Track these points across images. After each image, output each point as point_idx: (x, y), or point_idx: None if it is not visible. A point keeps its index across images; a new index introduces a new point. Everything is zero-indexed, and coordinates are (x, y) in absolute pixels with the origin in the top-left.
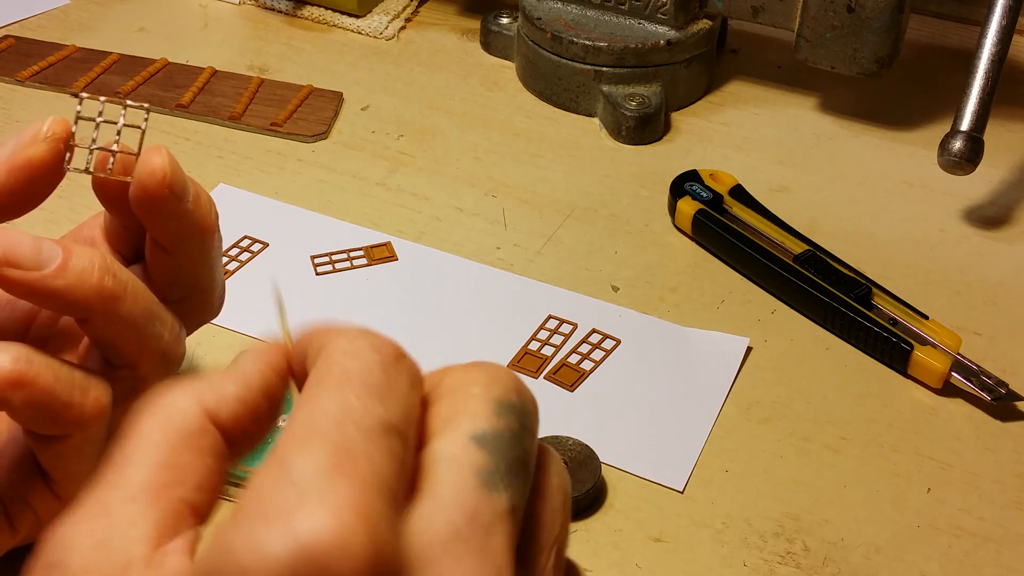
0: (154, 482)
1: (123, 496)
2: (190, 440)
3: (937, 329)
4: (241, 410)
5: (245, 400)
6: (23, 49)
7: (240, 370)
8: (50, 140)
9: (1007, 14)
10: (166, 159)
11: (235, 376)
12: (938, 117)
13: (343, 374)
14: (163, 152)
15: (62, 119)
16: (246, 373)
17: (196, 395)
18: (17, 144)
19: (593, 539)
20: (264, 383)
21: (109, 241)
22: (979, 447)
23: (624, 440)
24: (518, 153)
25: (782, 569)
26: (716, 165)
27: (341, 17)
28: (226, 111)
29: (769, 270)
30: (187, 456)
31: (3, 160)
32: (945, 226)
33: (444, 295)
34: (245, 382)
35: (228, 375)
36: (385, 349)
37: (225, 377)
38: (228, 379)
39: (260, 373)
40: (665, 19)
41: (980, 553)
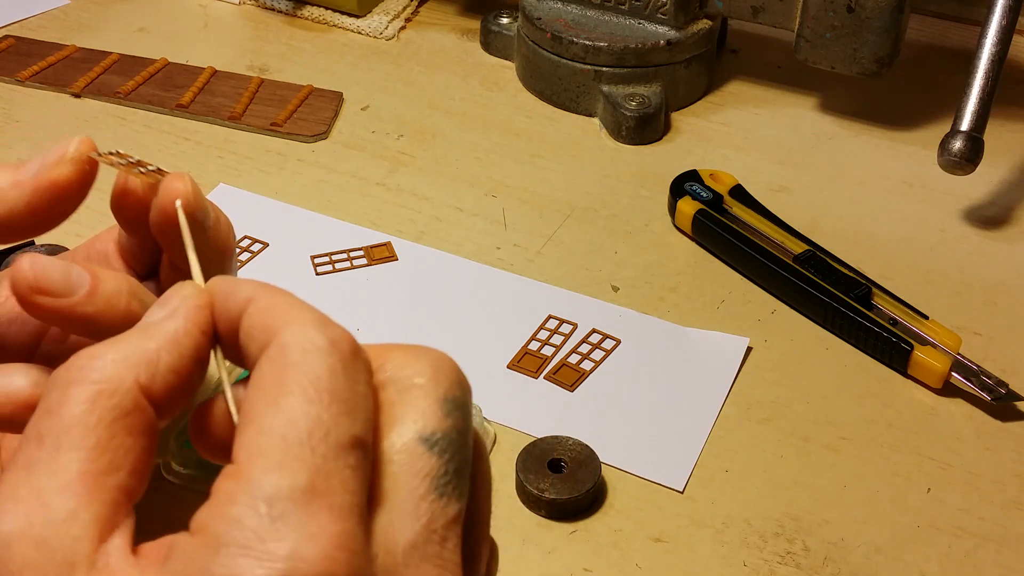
0: (91, 469)
1: (58, 485)
2: (126, 420)
3: (937, 329)
4: (174, 381)
5: (178, 370)
6: (23, 49)
7: (170, 333)
8: (76, 161)
9: (1007, 14)
10: (188, 186)
11: (166, 342)
12: (938, 117)
13: (308, 380)
14: (185, 178)
15: (88, 139)
16: (178, 338)
17: (130, 368)
18: (43, 164)
19: (593, 539)
20: (195, 348)
21: (123, 257)
22: (979, 447)
23: (624, 440)
24: (518, 153)
25: (782, 569)
26: (716, 165)
27: (341, 17)
28: (226, 111)
29: (769, 270)
30: (122, 438)
31: (28, 180)
32: (945, 226)
33: (444, 295)
34: (178, 350)
35: (157, 338)
36: (343, 344)
37: (155, 342)
38: (160, 346)
39: (191, 337)
40: (665, 19)
41: (980, 553)
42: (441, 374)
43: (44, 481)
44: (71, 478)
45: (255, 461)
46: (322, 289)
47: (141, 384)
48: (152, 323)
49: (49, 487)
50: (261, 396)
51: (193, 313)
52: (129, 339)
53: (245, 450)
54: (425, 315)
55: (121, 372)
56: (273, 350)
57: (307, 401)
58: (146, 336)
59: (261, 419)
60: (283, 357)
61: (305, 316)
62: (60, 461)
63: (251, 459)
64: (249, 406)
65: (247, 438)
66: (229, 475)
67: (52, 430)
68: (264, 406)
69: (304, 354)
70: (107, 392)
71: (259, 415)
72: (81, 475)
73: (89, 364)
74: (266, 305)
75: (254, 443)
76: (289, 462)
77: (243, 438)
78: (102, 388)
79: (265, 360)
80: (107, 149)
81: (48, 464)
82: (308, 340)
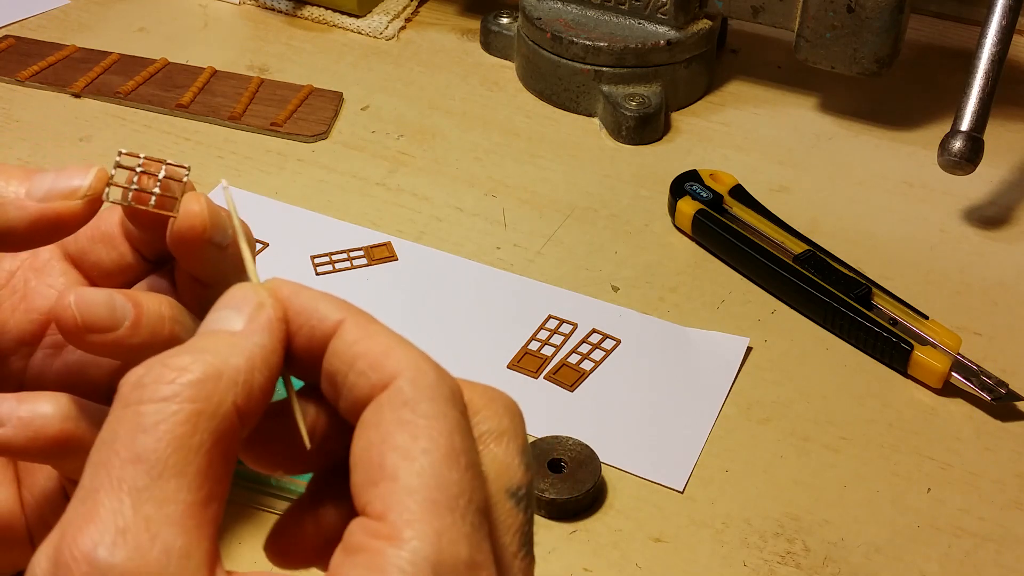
0: (196, 499)
1: (166, 516)
2: (223, 446)
3: (937, 329)
4: (263, 402)
5: (267, 391)
6: (23, 49)
7: (259, 349)
8: (88, 200)
9: (1007, 14)
10: (204, 209)
11: (259, 361)
12: (938, 117)
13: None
14: (202, 201)
15: (103, 174)
16: (266, 355)
17: (228, 388)
18: (53, 189)
19: (593, 539)
20: (279, 367)
21: (129, 240)
22: (979, 447)
23: (624, 440)
24: (518, 153)
25: (782, 569)
26: (716, 165)
27: (341, 17)
28: (226, 111)
29: (769, 270)
30: (220, 464)
31: (34, 205)
32: (945, 226)
33: (444, 295)
34: (268, 369)
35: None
36: (459, 396)
37: (244, 359)
38: (253, 365)
39: (277, 356)
40: (665, 19)
41: (980, 553)
42: (517, 423)
43: (151, 510)
44: (180, 509)
45: (413, 528)
46: (322, 289)
47: (238, 406)
48: (234, 334)
49: (157, 518)
50: (391, 449)
51: (277, 328)
52: (216, 351)
53: (394, 510)
54: (425, 315)
55: (220, 392)
56: (395, 396)
57: (447, 463)
58: (235, 350)
59: (402, 478)
60: (409, 408)
61: (419, 359)
62: (166, 489)
63: (408, 524)
64: (377, 457)
65: (392, 496)
66: (382, 536)
67: (151, 451)
68: (400, 460)
69: (433, 406)
70: (207, 414)
71: (397, 472)
72: (188, 506)
73: (181, 378)
74: (367, 334)
75: (403, 503)
76: (448, 532)
77: (384, 494)
78: (202, 409)
79: (388, 407)
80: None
81: (152, 491)
82: (433, 390)
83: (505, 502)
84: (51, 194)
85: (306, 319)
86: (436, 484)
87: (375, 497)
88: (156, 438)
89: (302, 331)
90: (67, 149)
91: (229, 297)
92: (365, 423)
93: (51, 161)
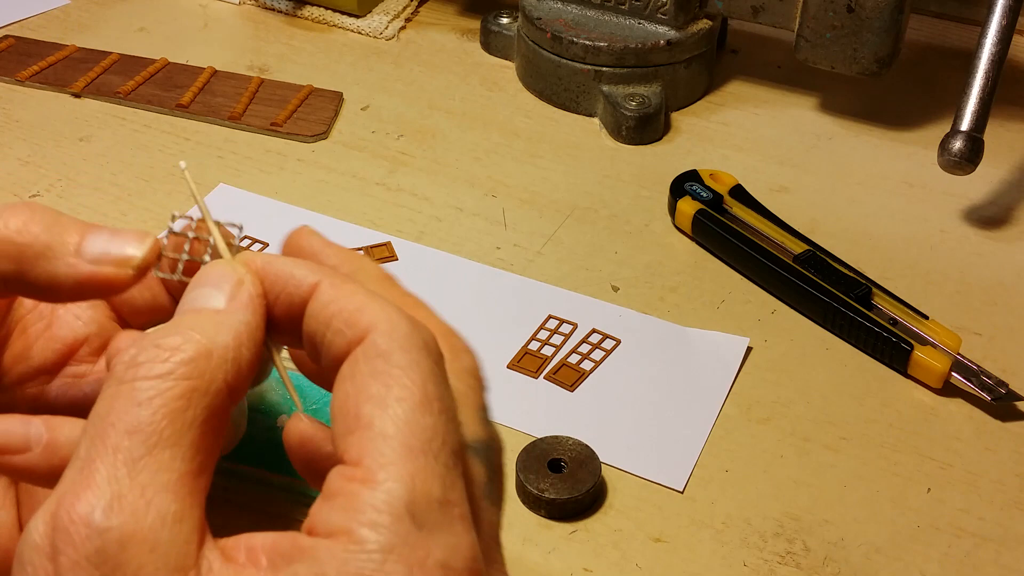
0: (188, 469)
1: (161, 483)
2: (215, 420)
3: (937, 329)
4: (249, 378)
5: (253, 365)
6: (23, 49)
7: (244, 326)
8: (138, 271)
9: (1007, 14)
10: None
11: (246, 338)
12: (938, 117)
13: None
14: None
15: (157, 244)
16: (251, 332)
17: (219, 365)
18: (105, 253)
19: (593, 539)
20: (262, 339)
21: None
22: (979, 447)
23: (624, 440)
24: (518, 153)
25: (782, 569)
26: (716, 165)
27: (341, 17)
28: (226, 111)
29: (769, 270)
30: (211, 438)
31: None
32: (945, 226)
33: (444, 295)
34: (254, 345)
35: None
36: (432, 344)
37: (231, 336)
38: (241, 343)
39: (261, 331)
40: (665, 19)
41: (980, 553)
42: (475, 379)
43: (147, 478)
44: (174, 478)
45: (387, 471)
46: None
47: (228, 383)
48: (219, 312)
49: (153, 485)
50: (367, 399)
51: (258, 304)
52: (203, 329)
53: (369, 456)
54: None
55: (212, 369)
56: (370, 348)
57: (421, 409)
58: (222, 328)
59: (377, 424)
60: (384, 358)
61: (392, 313)
62: (160, 458)
63: (382, 468)
64: (354, 407)
65: (366, 442)
66: (357, 480)
67: (147, 422)
68: (375, 409)
69: (406, 355)
70: (201, 389)
71: (372, 420)
72: (182, 475)
73: (174, 356)
74: (342, 294)
75: (379, 450)
76: (421, 473)
77: (359, 442)
78: (196, 385)
79: (362, 359)
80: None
81: (148, 460)
82: (406, 340)
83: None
84: (103, 258)
85: (283, 286)
86: (410, 429)
87: (351, 445)
88: (152, 411)
89: (280, 298)
90: (67, 149)
91: (207, 275)
92: (342, 376)
93: (51, 161)
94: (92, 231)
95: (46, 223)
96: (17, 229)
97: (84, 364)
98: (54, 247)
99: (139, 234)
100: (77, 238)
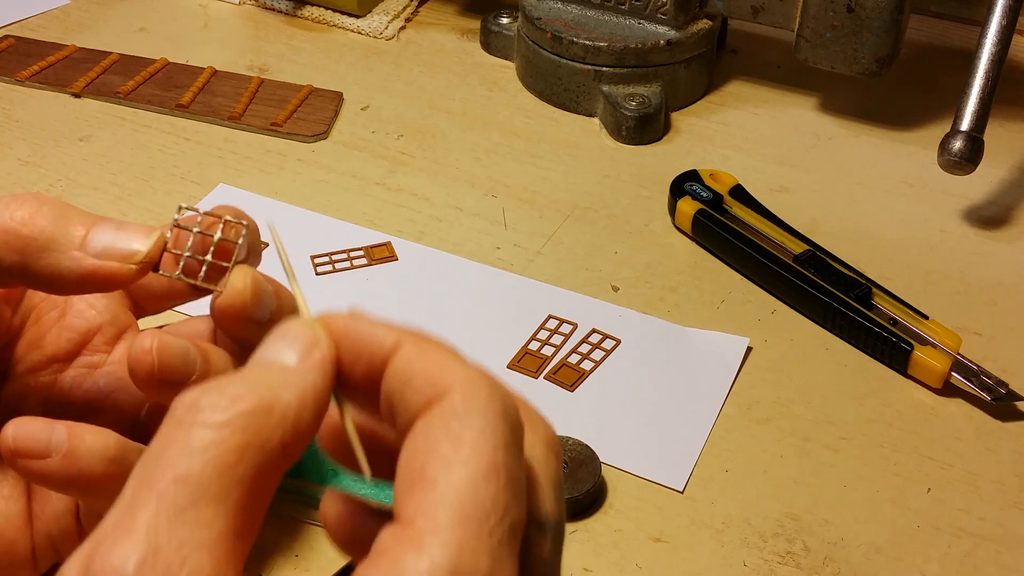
0: (231, 529)
1: (200, 541)
2: (266, 480)
3: (937, 329)
4: (308, 440)
5: (313, 430)
6: (23, 49)
7: (310, 387)
8: (142, 266)
9: (1007, 14)
10: (248, 288)
11: (309, 400)
12: (938, 117)
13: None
14: (247, 278)
15: (162, 239)
16: (317, 394)
17: (277, 424)
18: (110, 248)
19: (593, 539)
20: (327, 405)
21: None
22: (979, 447)
23: (624, 440)
24: (518, 153)
25: (782, 569)
26: (716, 165)
27: (341, 17)
28: (226, 111)
29: (769, 270)
30: (259, 497)
31: (88, 261)
32: (945, 226)
33: (444, 295)
34: (316, 408)
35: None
36: (514, 413)
37: (295, 395)
38: (303, 404)
39: (327, 394)
40: (665, 19)
41: (980, 553)
42: (553, 454)
43: (186, 533)
44: (214, 536)
45: (437, 535)
46: (322, 289)
47: (284, 443)
48: (287, 369)
49: (190, 542)
50: (435, 458)
51: (329, 368)
52: (269, 384)
53: (424, 518)
54: (425, 315)
55: (270, 427)
56: (447, 407)
57: (485, 477)
58: (287, 386)
59: (439, 487)
60: (458, 419)
61: (475, 374)
62: (203, 514)
63: (433, 532)
64: (420, 464)
65: (424, 503)
66: (405, 540)
67: (196, 473)
68: (440, 470)
69: (482, 419)
70: (255, 446)
71: (435, 481)
72: (222, 535)
73: (233, 406)
74: (423, 353)
75: (433, 512)
76: (470, 543)
77: (417, 501)
78: (251, 440)
79: (438, 417)
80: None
81: (190, 513)
82: (484, 404)
83: (533, 532)
84: (107, 252)
85: (365, 346)
86: (470, 496)
87: (409, 502)
88: (203, 462)
89: (360, 359)
90: (67, 149)
91: (284, 331)
92: (414, 433)
93: (51, 161)
94: (98, 224)
95: (53, 215)
96: (22, 221)
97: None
98: (58, 240)
99: (145, 228)
100: (83, 230)
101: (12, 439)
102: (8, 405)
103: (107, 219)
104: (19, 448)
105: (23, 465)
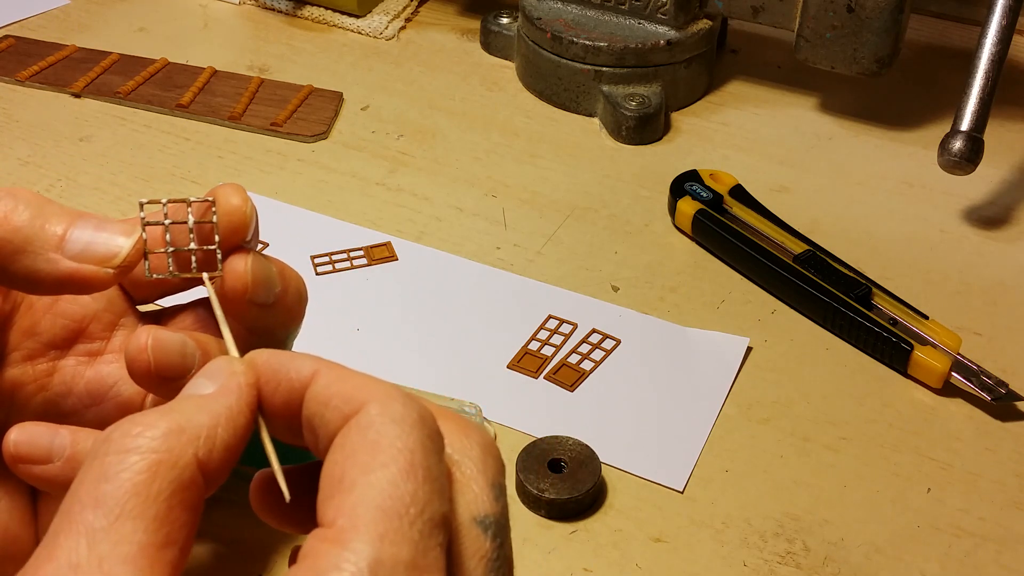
0: (151, 542)
1: (121, 555)
2: (184, 495)
3: (937, 329)
4: (227, 458)
5: (232, 448)
6: (23, 49)
7: (225, 409)
8: (120, 270)
9: (1007, 14)
10: (248, 271)
11: (224, 419)
12: (938, 117)
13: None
14: (246, 262)
15: (140, 246)
16: (232, 415)
17: (189, 441)
18: (88, 250)
19: (593, 539)
20: (247, 427)
21: None
22: (979, 447)
23: (624, 440)
24: (518, 153)
25: (782, 569)
26: (716, 165)
27: (341, 17)
28: (226, 111)
29: (769, 270)
30: (179, 511)
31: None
32: (945, 226)
33: (444, 295)
34: (233, 427)
35: (212, 414)
36: (429, 421)
37: (210, 417)
38: (218, 423)
39: (244, 416)
40: (665, 19)
41: (980, 553)
42: (490, 456)
43: (106, 550)
44: (134, 550)
45: (357, 531)
46: (322, 289)
47: (199, 459)
48: (203, 397)
49: (112, 557)
50: (353, 465)
51: (246, 392)
52: (183, 411)
53: (344, 517)
54: (425, 315)
55: (181, 445)
56: (363, 419)
57: (403, 476)
58: (201, 410)
59: (358, 488)
60: (375, 428)
61: (389, 390)
62: (122, 530)
63: (353, 528)
64: (339, 472)
65: (344, 505)
66: (328, 540)
67: (111, 496)
68: (359, 475)
69: (397, 427)
70: (167, 463)
71: (355, 484)
72: (143, 547)
73: (146, 432)
74: (340, 377)
75: (354, 511)
76: (391, 535)
77: (338, 504)
78: (162, 459)
79: (355, 429)
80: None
81: (108, 532)
82: (399, 414)
83: (471, 528)
84: (85, 254)
85: (284, 375)
86: (389, 493)
87: (329, 508)
88: (117, 485)
89: (280, 387)
90: (67, 149)
91: (206, 368)
92: (334, 447)
93: (51, 161)
94: (78, 222)
95: (29, 213)
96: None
97: (97, 340)
98: (34, 241)
99: (125, 227)
100: (61, 229)
101: (14, 445)
102: (7, 393)
103: (87, 216)
104: (20, 454)
105: (25, 471)
